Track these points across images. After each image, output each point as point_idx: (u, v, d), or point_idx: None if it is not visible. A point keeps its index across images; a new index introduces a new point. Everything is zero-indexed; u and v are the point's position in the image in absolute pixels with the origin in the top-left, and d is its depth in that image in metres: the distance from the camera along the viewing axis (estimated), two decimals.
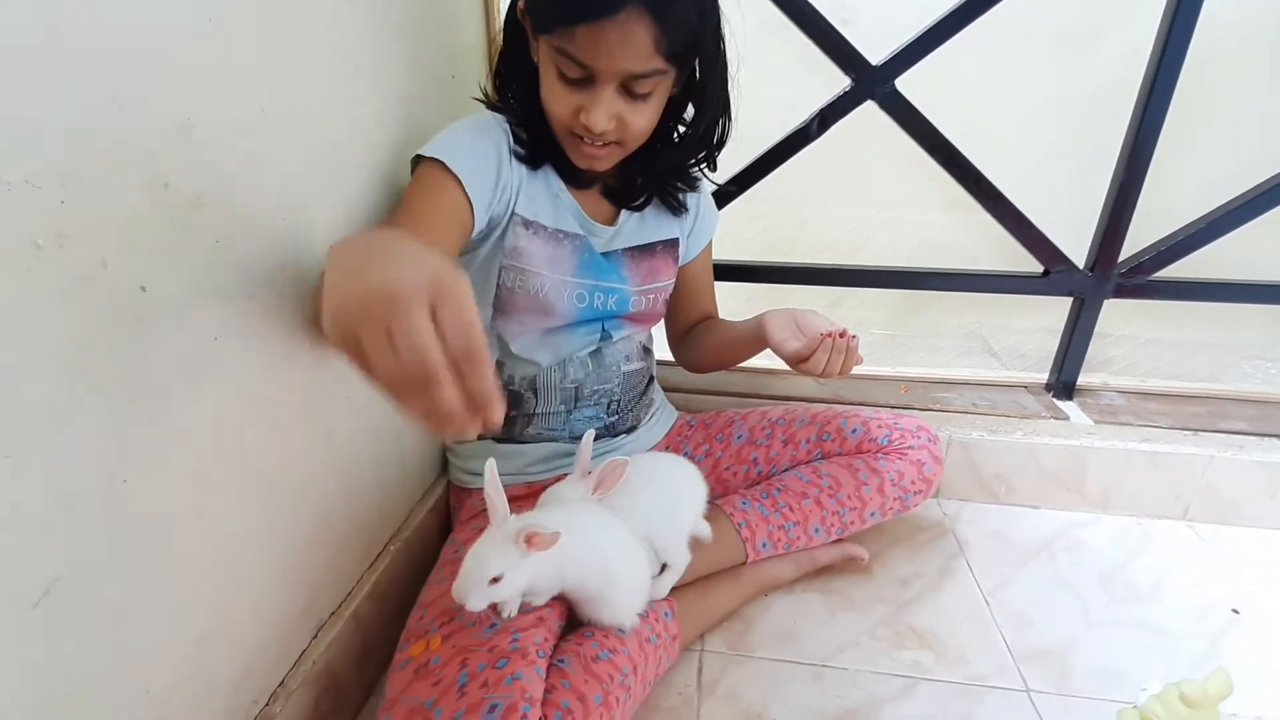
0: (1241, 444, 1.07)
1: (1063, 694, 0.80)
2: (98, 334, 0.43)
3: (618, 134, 0.73)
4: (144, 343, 0.46)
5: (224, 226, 0.52)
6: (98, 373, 0.43)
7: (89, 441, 0.43)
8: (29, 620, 0.40)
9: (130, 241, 0.45)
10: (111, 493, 0.45)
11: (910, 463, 0.92)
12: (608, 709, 0.65)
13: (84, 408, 0.43)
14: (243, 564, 0.58)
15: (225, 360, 0.53)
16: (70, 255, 0.41)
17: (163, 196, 0.47)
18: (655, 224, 0.88)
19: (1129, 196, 1.02)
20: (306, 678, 0.65)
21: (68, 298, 0.41)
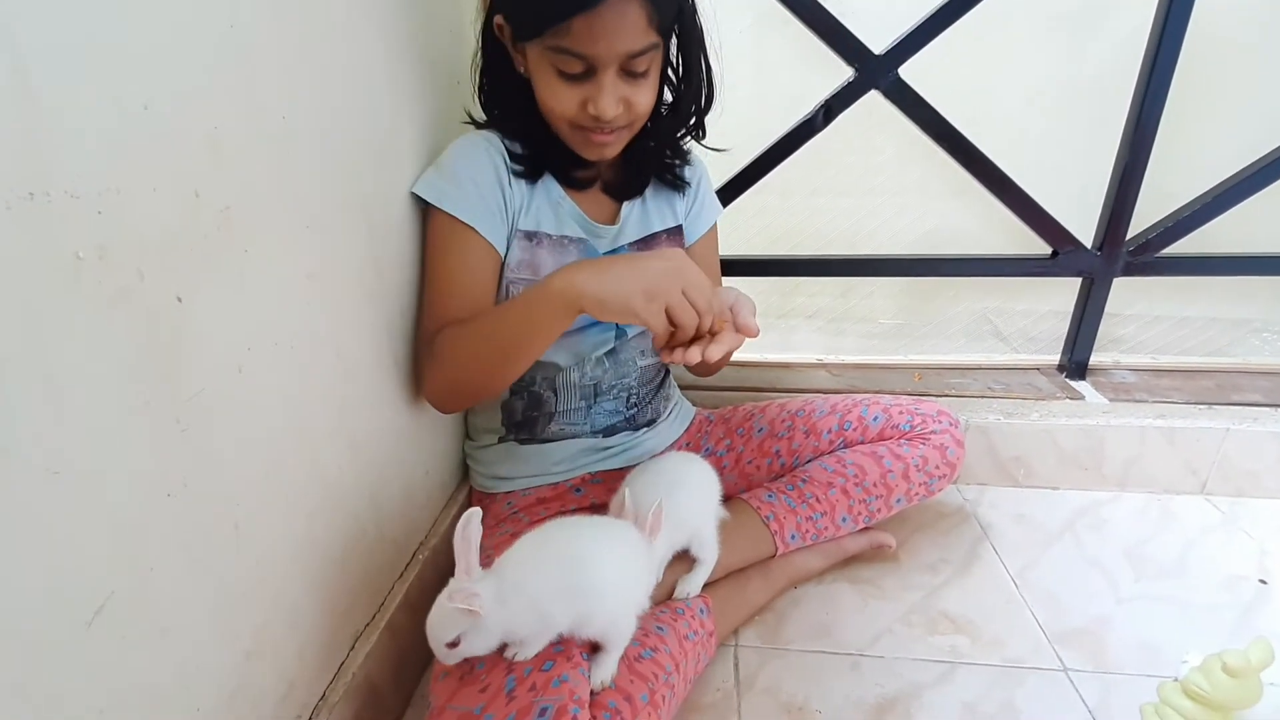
0: (1256, 415, 1.08)
1: (1100, 671, 0.79)
2: (139, 347, 0.43)
3: (626, 116, 0.73)
4: (182, 355, 0.46)
5: (252, 237, 0.52)
6: (141, 387, 0.43)
7: (135, 455, 0.43)
8: (84, 639, 0.39)
9: (164, 252, 0.44)
10: (158, 507, 0.44)
11: (934, 447, 0.92)
12: (654, 708, 0.64)
13: (129, 422, 0.42)
14: (281, 576, 0.57)
15: (258, 371, 0.53)
16: (109, 267, 0.40)
17: (193, 206, 0.46)
18: (657, 213, 0.88)
19: (1134, 175, 1.02)
20: (347, 690, 0.65)
21: (110, 310, 0.40)
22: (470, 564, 0.60)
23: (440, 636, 0.59)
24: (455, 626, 0.59)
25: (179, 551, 0.46)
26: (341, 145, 0.63)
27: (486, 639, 0.60)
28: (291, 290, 0.57)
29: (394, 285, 0.75)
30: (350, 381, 0.66)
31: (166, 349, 0.45)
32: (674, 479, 0.79)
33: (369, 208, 0.69)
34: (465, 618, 0.58)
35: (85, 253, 0.39)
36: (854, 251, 1.18)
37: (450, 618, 0.59)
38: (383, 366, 0.73)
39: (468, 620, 0.59)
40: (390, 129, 0.73)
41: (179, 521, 0.46)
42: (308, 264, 0.59)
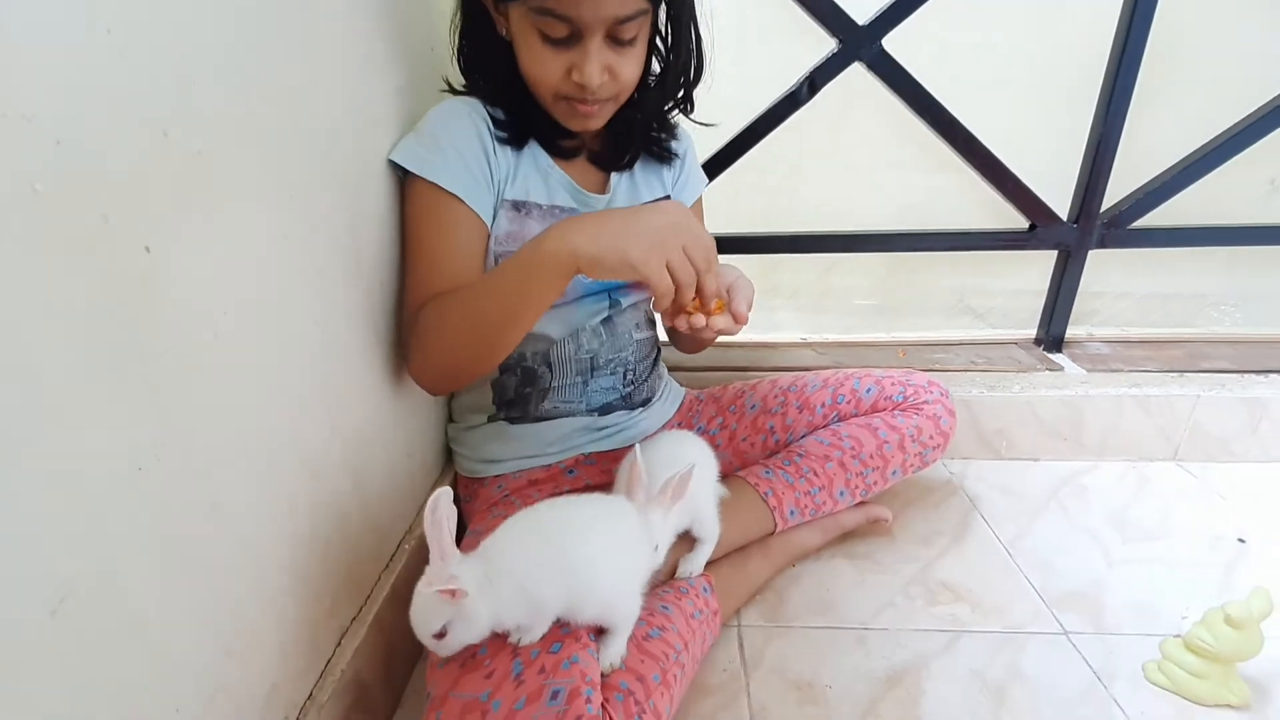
0: (1224, 381, 1.12)
1: (1100, 633, 0.80)
2: (104, 300, 0.38)
3: (611, 87, 0.70)
4: (152, 312, 0.41)
5: (225, 189, 0.47)
6: (107, 344, 0.38)
7: (101, 423, 0.37)
8: (47, 631, 0.34)
9: (131, 195, 0.39)
10: (127, 483, 0.39)
11: (927, 417, 0.91)
12: (667, 687, 0.62)
13: (94, 383, 0.37)
14: (263, 565, 0.52)
15: (234, 336, 0.48)
16: (71, 205, 0.35)
17: (162, 146, 0.42)
18: (645, 184, 0.85)
19: (1108, 148, 1.05)
20: (336, 689, 0.60)
21: (71, 254, 0.35)
22: (444, 548, 0.55)
23: (425, 628, 0.55)
24: (439, 615, 0.55)
25: (152, 533, 0.41)
26: (317, 104, 0.59)
27: (475, 626, 0.56)
28: (268, 252, 0.52)
29: (373, 256, 0.70)
30: (330, 354, 0.61)
31: (135, 304, 0.40)
32: (673, 456, 0.76)
33: (347, 173, 0.64)
34: (448, 605, 0.54)
35: (44, 185, 0.34)
36: (835, 228, 1.18)
37: (432, 606, 0.55)
38: (364, 340, 0.68)
39: (451, 608, 0.55)
40: (366, 94, 0.68)
41: (151, 498, 0.41)
42: (284, 226, 0.54)
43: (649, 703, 0.59)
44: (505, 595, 0.57)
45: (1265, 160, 1.16)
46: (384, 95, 0.72)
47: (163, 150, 0.42)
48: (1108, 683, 0.73)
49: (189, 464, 0.44)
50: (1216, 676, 0.70)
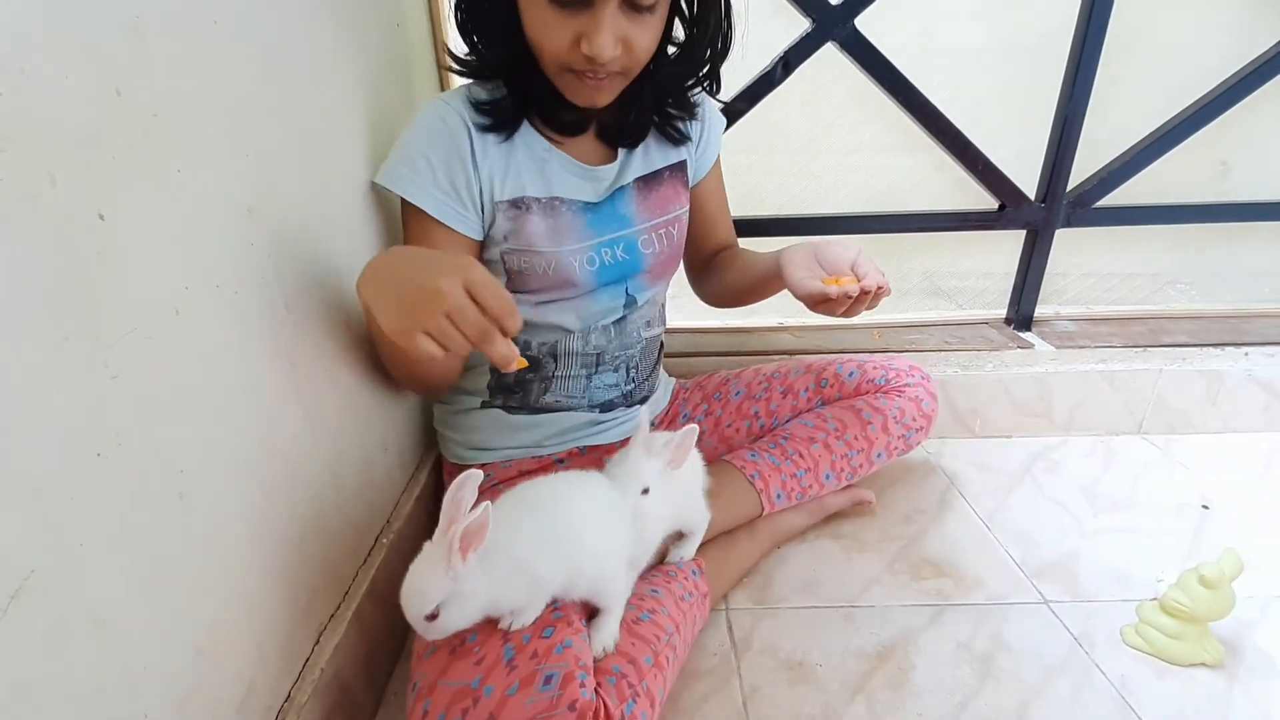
0: (1184, 355, 1.15)
1: (1078, 600, 0.82)
2: (54, 269, 0.35)
3: (624, 60, 0.64)
4: (108, 285, 0.38)
5: (183, 154, 0.44)
6: (59, 317, 0.35)
7: (55, 402, 0.34)
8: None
9: (81, 156, 0.36)
10: (85, 469, 0.36)
11: (909, 400, 0.92)
12: (659, 669, 0.60)
13: (45, 359, 0.34)
14: (235, 560, 0.49)
15: (197, 314, 0.45)
16: (13, 163, 0.32)
17: (114, 105, 0.38)
18: (660, 151, 0.80)
19: (1072, 129, 1.07)
20: (315, 689, 0.57)
21: (14, 219, 0.32)
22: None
23: (419, 606, 0.53)
24: (435, 592, 0.53)
25: (114, 523, 0.38)
26: (281, 72, 0.56)
27: (468, 609, 0.54)
28: (231, 224, 0.49)
29: (344, 235, 0.67)
30: (301, 338, 0.58)
31: (89, 275, 0.37)
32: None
33: (315, 147, 0.61)
34: (445, 581, 0.52)
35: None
36: (809, 211, 1.18)
37: (430, 581, 0.53)
38: (335, 324, 0.65)
39: (448, 584, 0.53)
40: (332, 62, 0.65)
41: (112, 487, 0.38)
42: (248, 197, 0.51)
43: (642, 685, 0.57)
44: (504, 576, 0.55)
45: (1216, 142, 1.20)
46: (351, 66, 0.69)
47: (114, 110, 0.38)
48: (1088, 648, 0.75)
49: (153, 450, 0.41)
50: (1192, 637, 0.72)
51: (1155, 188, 1.17)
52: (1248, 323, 1.24)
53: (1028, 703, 0.68)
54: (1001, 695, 0.69)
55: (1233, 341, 1.17)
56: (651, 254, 0.79)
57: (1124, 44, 1.07)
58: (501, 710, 0.50)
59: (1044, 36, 1.10)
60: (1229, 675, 0.71)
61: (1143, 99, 1.14)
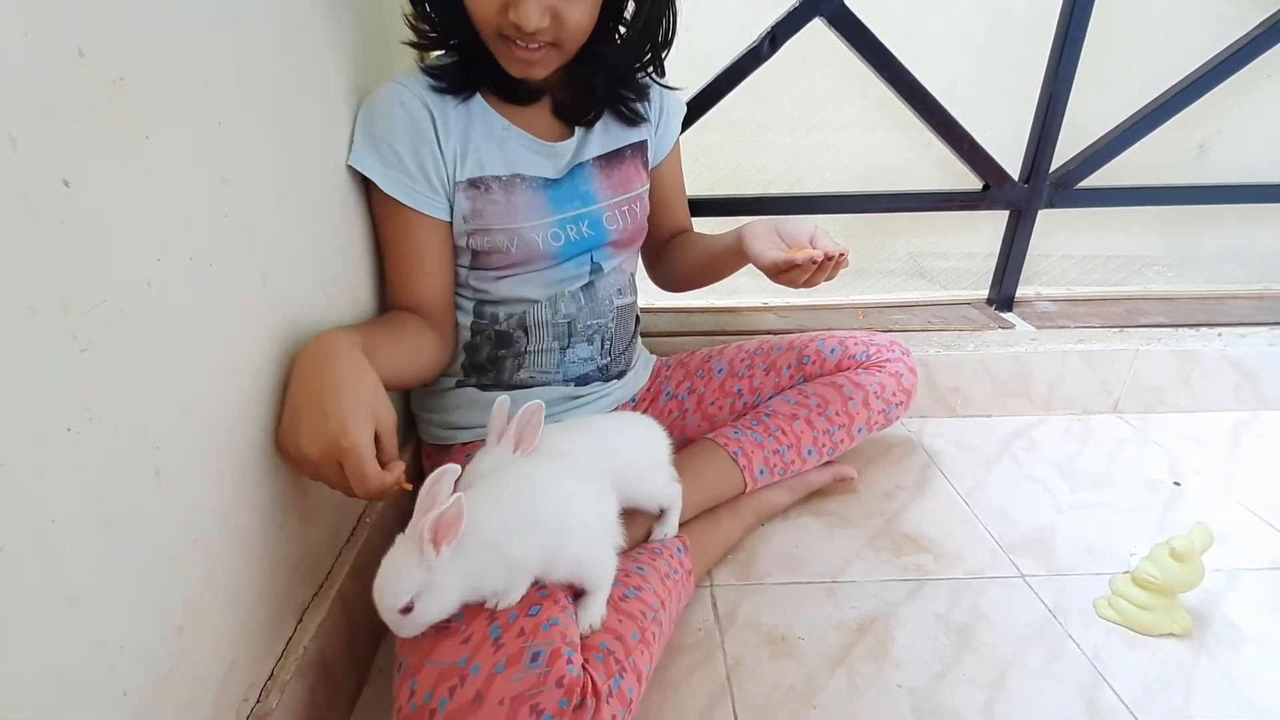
0: (1160, 336, 1.17)
1: (1053, 574, 0.83)
2: (17, 236, 0.33)
3: (554, 32, 0.65)
4: (76, 254, 0.36)
5: (153, 121, 0.42)
6: (23, 287, 0.33)
7: (20, 375, 0.33)
8: None
9: (42, 119, 0.35)
10: (56, 443, 0.35)
11: (889, 375, 0.93)
12: (646, 644, 0.61)
13: (10, 330, 0.33)
14: (214, 538, 0.49)
15: (170, 287, 0.44)
16: None
17: (77, 67, 0.37)
18: (620, 131, 0.81)
19: (1057, 109, 1.07)
20: (299, 667, 0.57)
21: None
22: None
23: (392, 599, 0.53)
24: (409, 584, 0.52)
25: (87, 500, 0.37)
26: (248, 39, 0.54)
27: (445, 599, 0.54)
28: (205, 195, 0.48)
29: (318, 208, 0.65)
30: (279, 313, 0.57)
31: (55, 244, 0.35)
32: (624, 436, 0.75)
33: (289, 121, 0.59)
34: (419, 571, 0.52)
35: None
36: (794, 190, 1.17)
37: (403, 573, 0.53)
38: (314, 299, 0.63)
39: (422, 575, 0.52)
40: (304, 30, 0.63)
41: (84, 462, 0.37)
42: (221, 167, 0.49)
43: (629, 660, 0.58)
44: (480, 561, 0.55)
45: (1194, 124, 1.21)
46: (325, 36, 0.67)
47: (77, 72, 0.37)
48: (1062, 620, 0.77)
49: (126, 426, 0.40)
50: (1162, 608, 0.74)
51: (1134, 170, 1.18)
52: (1221, 304, 1.26)
53: (1004, 672, 0.70)
54: (979, 666, 0.71)
55: (1207, 322, 1.19)
56: (616, 229, 0.80)
57: (1107, 26, 1.07)
58: (489, 688, 0.50)
59: (1029, 17, 1.09)
60: (1196, 645, 0.73)
61: (1123, 81, 1.15)
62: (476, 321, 0.78)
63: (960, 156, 1.10)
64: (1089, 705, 0.67)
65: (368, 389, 0.54)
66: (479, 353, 0.79)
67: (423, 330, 0.72)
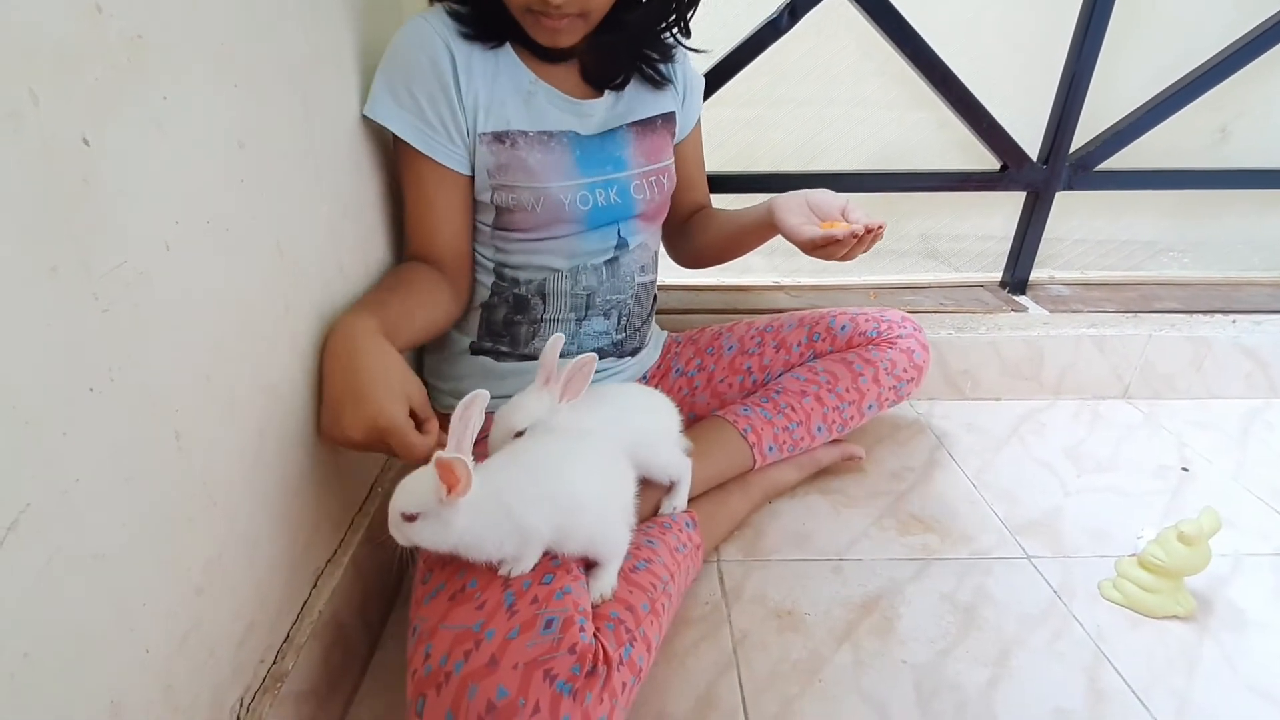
0: (1174, 322, 1.16)
1: (1060, 556, 0.84)
2: (38, 193, 0.33)
3: (579, 3, 0.65)
4: (96, 213, 0.36)
5: (170, 80, 0.42)
6: (45, 246, 0.33)
7: (42, 334, 0.33)
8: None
9: (62, 75, 0.34)
10: (79, 402, 0.35)
11: (901, 351, 0.92)
12: (655, 615, 0.62)
13: (32, 290, 0.33)
14: (233, 500, 0.49)
15: (189, 250, 0.43)
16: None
17: (96, 24, 0.36)
18: (651, 98, 0.81)
19: (1079, 89, 1.05)
20: (314, 630, 0.58)
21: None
22: (463, 447, 0.54)
23: (401, 502, 0.55)
24: (420, 501, 0.54)
25: (109, 459, 0.37)
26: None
27: (443, 534, 0.55)
28: (222, 159, 0.47)
29: (338, 177, 0.65)
30: (294, 281, 0.57)
31: (75, 202, 0.35)
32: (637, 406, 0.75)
33: (303, 81, 0.58)
34: (431, 498, 0.53)
35: None
36: (810, 168, 1.16)
37: (422, 486, 0.54)
38: (327, 267, 0.63)
39: (435, 499, 0.53)
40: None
41: (106, 422, 0.37)
42: (238, 130, 0.49)
43: (639, 630, 0.59)
44: (489, 518, 0.56)
45: (1216, 107, 1.19)
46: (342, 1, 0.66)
47: (96, 29, 0.36)
48: (1067, 600, 0.77)
49: (146, 387, 0.40)
50: (1166, 590, 0.74)
51: (1153, 153, 1.16)
52: (1237, 291, 1.25)
53: (1008, 651, 0.71)
54: (983, 644, 0.72)
55: (1222, 309, 1.18)
56: (643, 199, 0.79)
57: (1132, 5, 1.05)
58: (503, 653, 0.50)
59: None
60: (1199, 627, 0.74)
61: (1145, 63, 1.12)
62: (497, 283, 0.78)
63: (979, 136, 1.09)
64: (1092, 685, 0.68)
65: (395, 372, 0.57)
66: (495, 313, 0.79)
67: (436, 286, 0.71)
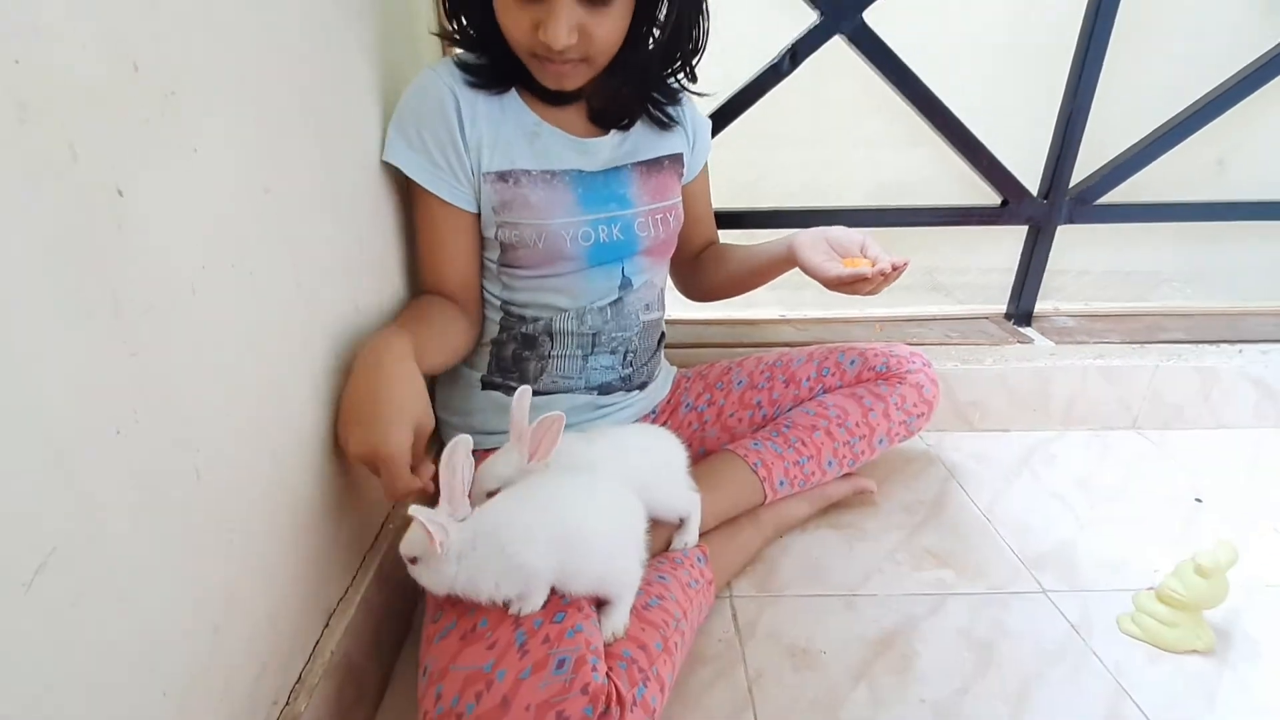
0: (1180, 352, 1.17)
1: (1076, 589, 0.83)
2: (76, 243, 0.34)
3: (582, 48, 0.67)
4: (126, 259, 0.38)
5: (201, 133, 0.44)
6: (80, 293, 0.34)
7: (76, 377, 0.34)
8: (23, 605, 0.31)
9: (100, 128, 0.36)
10: (104, 442, 0.36)
11: (910, 386, 0.93)
12: (669, 654, 0.61)
13: (67, 336, 0.34)
14: (249, 540, 0.49)
15: (213, 293, 0.45)
16: (34, 131, 0.32)
17: (132, 80, 0.38)
18: (658, 139, 0.83)
19: (1076, 125, 1.07)
20: (326, 670, 0.57)
21: (35, 185, 0.32)
22: (454, 494, 0.56)
23: (403, 546, 0.58)
24: (416, 547, 0.57)
25: (134, 499, 0.38)
26: (283, 48, 0.55)
27: (436, 580, 0.57)
28: (247, 204, 0.49)
29: (357, 220, 0.66)
30: (312, 320, 0.58)
31: (110, 250, 0.36)
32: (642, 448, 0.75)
33: (325, 128, 0.60)
34: (426, 545, 0.56)
35: (2, 105, 0.30)
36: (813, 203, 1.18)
37: (416, 535, 0.57)
38: (344, 306, 0.64)
39: (425, 549, 0.56)
40: (340, 48, 0.65)
41: (132, 463, 0.38)
42: (263, 176, 0.51)
43: (652, 669, 0.58)
44: (479, 556, 0.56)
45: (1213, 140, 1.21)
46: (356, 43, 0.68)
47: (133, 83, 0.38)
48: (1085, 635, 0.76)
49: (167, 425, 0.41)
50: (1186, 624, 0.73)
51: (1152, 187, 1.18)
52: (1242, 320, 1.25)
53: (1027, 687, 0.70)
54: (1002, 680, 0.70)
55: (1228, 339, 1.18)
56: (647, 236, 0.81)
57: (1127, 40, 1.08)
58: (515, 694, 0.50)
59: (1049, 33, 1.10)
60: (1219, 661, 0.73)
61: (1143, 96, 1.15)
62: (505, 319, 0.80)
63: (979, 172, 1.11)
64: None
65: (413, 399, 0.58)
66: (504, 350, 0.81)
67: (455, 316, 0.75)
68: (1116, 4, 1.00)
